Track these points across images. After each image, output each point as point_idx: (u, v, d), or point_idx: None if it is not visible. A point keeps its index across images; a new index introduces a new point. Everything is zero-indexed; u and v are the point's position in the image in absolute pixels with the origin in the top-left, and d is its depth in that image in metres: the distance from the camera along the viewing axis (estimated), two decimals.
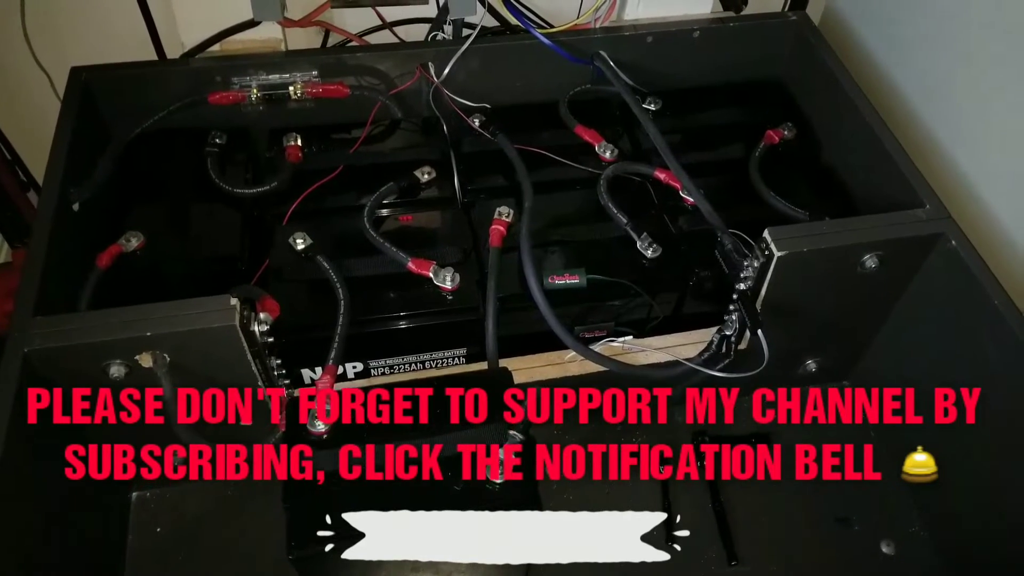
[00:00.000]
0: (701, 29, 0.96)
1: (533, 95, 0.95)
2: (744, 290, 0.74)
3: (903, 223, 0.75)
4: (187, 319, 0.63)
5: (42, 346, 0.62)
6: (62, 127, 0.80)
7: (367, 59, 0.90)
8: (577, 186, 0.87)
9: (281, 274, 0.76)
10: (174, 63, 0.90)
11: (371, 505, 0.62)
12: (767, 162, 0.90)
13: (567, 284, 0.77)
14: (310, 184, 0.84)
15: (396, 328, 0.75)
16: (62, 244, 0.72)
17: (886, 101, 0.96)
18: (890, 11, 0.99)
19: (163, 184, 0.86)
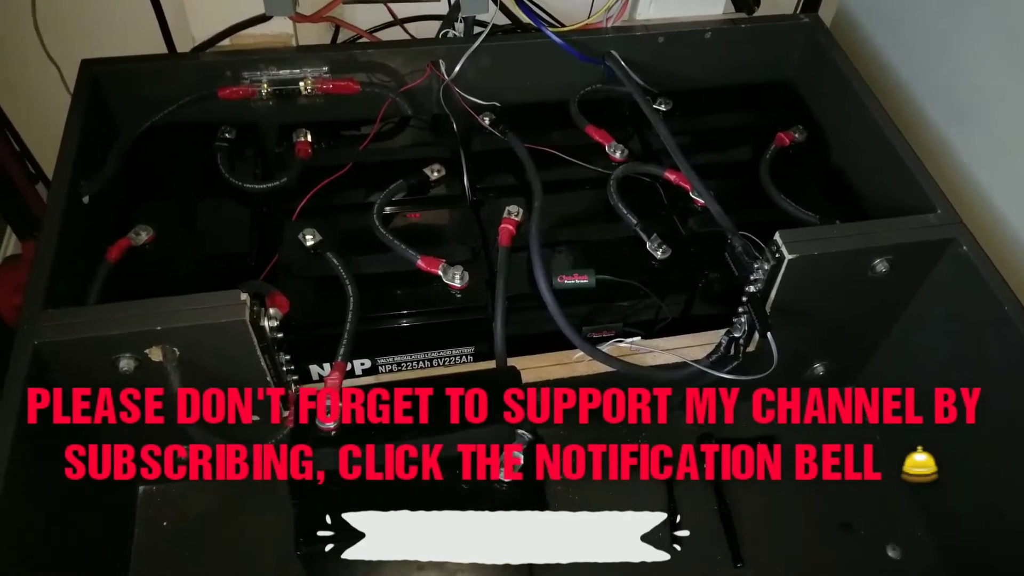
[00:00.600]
0: (713, 30, 0.96)
1: (544, 94, 0.95)
2: (754, 292, 0.73)
3: (914, 228, 0.75)
4: (198, 313, 0.63)
5: (52, 339, 0.62)
6: (72, 120, 0.80)
7: (378, 55, 0.90)
8: (587, 186, 0.87)
9: (290, 270, 0.76)
10: (184, 57, 0.90)
11: (377, 504, 0.62)
12: (777, 164, 0.90)
13: (576, 284, 0.77)
14: (319, 180, 0.83)
15: (404, 326, 0.75)
16: (72, 237, 0.72)
17: (898, 104, 0.96)
18: (902, 13, 0.98)
19: (172, 178, 0.86)
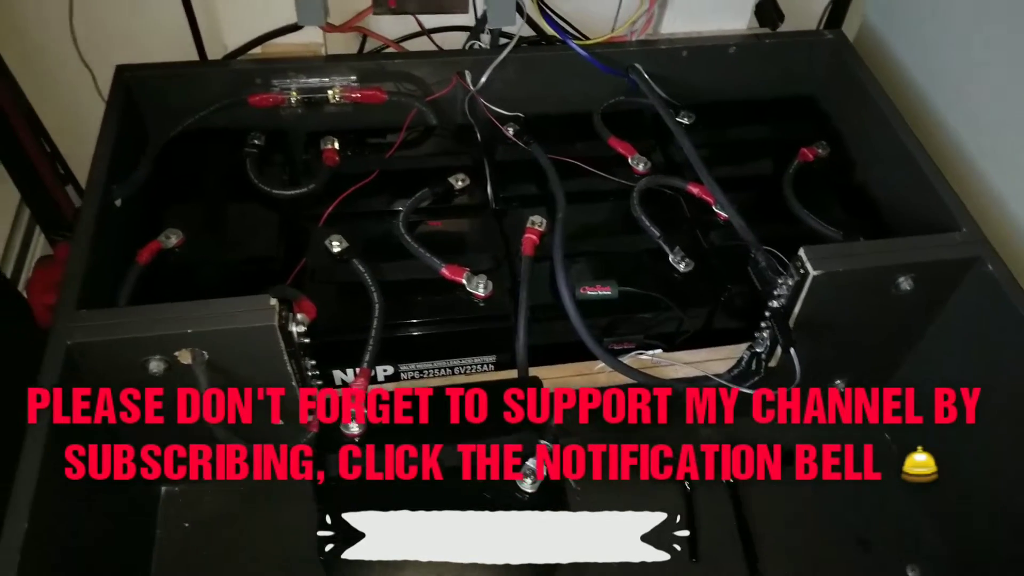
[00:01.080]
0: (736, 45, 0.96)
1: (567, 106, 0.96)
2: (777, 308, 0.74)
3: (939, 246, 0.75)
4: (228, 318, 0.63)
5: (85, 340, 0.63)
6: (107, 124, 0.81)
7: (405, 66, 0.91)
8: (609, 197, 0.88)
9: (316, 276, 0.77)
10: (216, 64, 0.91)
11: (399, 506, 0.62)
12: (800, 179, 0.90)
13: (599, 295, 0.77)
14: (346, 187, 0.84)
15: (427, 333, 0.76)
16: (104, 240, 0.73)
17: (922, 121, 0.96)
18: (926, 29, 0.98)
19: (202, 183, 0.88)
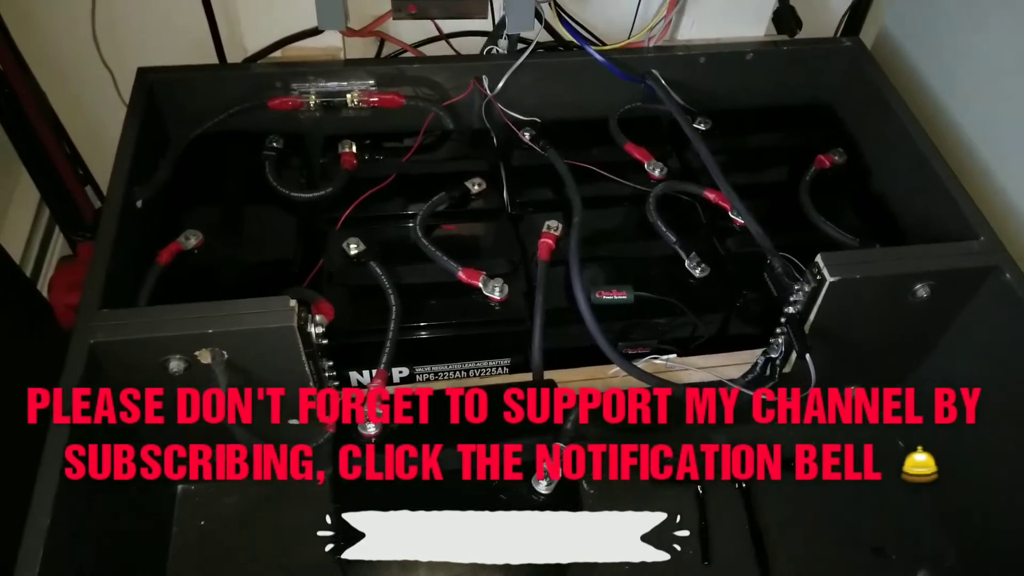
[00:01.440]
0: (754, 52, 0.96)
1: (584, 111, 0.96)
2: (793, 314, 0.74)
3: (957, 254, 0.74)
4: (248, 318, 0.64)
5: (107, 339, 0.64)
6: (129, 126, 0.82)
7: (423, 70, 0.92)
8: (625, 203, 0.88)
9: (334, 278, 0.78)
10: (236, 67, 0.92)
11: (414, 507, 0.63)
12: (817, 186, 0.90)
13: (614, 300, 0.77)
14: (363, 190, 0.85)
15: (443, 336, 0.76)
16: (126, 240, 0.74)
17: (939, 129, 0.96)
18: (944, 37, 0.98)
19: (221, 185, 0.89)
